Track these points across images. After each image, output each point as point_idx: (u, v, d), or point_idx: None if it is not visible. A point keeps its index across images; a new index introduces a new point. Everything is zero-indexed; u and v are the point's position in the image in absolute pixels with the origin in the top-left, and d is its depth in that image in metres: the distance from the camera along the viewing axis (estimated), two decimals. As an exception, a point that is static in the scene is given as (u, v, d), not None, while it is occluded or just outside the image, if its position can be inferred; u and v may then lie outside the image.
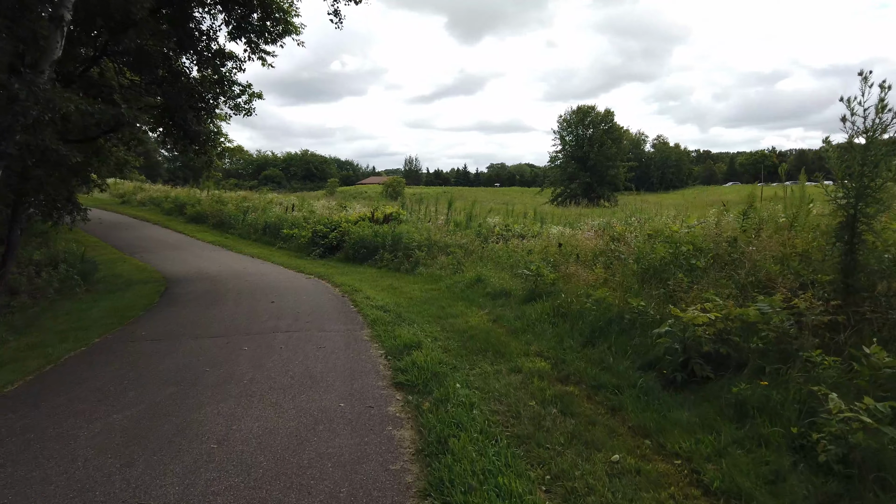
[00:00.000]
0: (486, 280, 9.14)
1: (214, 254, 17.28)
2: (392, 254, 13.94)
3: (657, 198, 65.73)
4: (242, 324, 7.71)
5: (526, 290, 7.69)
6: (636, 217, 16.37)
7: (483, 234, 14.39)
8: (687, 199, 49.76)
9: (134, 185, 30.80)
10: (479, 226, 16.12)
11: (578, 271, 7.40)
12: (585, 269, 7.68)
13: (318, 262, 15.66)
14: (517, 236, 13.91)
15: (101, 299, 10.30)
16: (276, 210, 22.42)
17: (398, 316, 7.75)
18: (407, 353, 5.74)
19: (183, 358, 5.95)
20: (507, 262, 10.90)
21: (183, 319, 8.07)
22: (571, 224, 18.16)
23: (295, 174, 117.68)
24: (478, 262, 11.45)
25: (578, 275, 7.21)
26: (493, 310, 7.38)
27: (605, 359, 4.83)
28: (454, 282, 9.93)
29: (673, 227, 8.29)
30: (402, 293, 9.69)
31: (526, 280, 8.06)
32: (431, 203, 21.86)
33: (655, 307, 5.18)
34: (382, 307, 8.46)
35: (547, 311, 6.42)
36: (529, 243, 12.27)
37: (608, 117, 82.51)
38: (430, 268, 12.20)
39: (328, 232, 16.86)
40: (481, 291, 8.63)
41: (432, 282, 10.74)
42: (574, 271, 7.40)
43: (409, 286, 10.46)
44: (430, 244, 13.61)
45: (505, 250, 11.98)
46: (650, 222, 10.24)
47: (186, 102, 11.33)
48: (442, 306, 8.10)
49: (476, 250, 12.69)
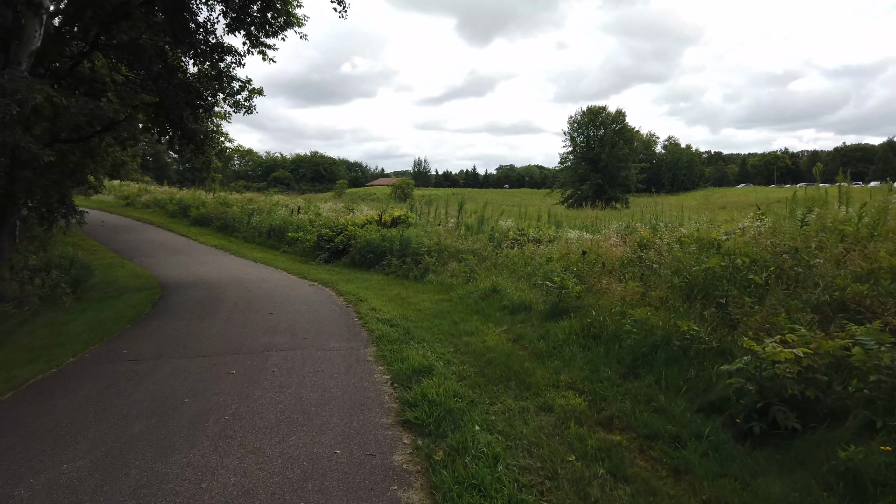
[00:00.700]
0: (502, 291, 8.35)
1: (216, 258, 16.63)
2: (400, 259, 13.19)
3: (669, 199, 64.36)
4: (235, 340, 6.97)
5: (548, 304, 6.89)
6: (660, 221, 15.53)
7: (496, 239, 13.59)
8: (700, 200, 48.53)
9: (138, 187, 30.36)
10: (492, 229, 15.34)
11: (610, 284, 6.59)
12: (616, 281, 6.87)
13: (323, 267, 14.96)
14: (532, 241, 13.10)
15: (88, 309, 9.65)
16: (282, 212, 21.76)
17: (406, 332, 6.98)
18: (416, 381, 4.97)
19: (161, 384, 5.21)
20: (523, 269, 10.10)
21: (171, 334, 7.36)
22: (588, 228, 17.33)
23: (304, 176, 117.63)
24: (492, 269, 10.66)
25: (611, 289, 6.39)
26: (513, 327, 6.58)
27: (654, 396, 4.02)
28: (467, 292, 9.14)
29: (711, 234, 7.46)
30: (410, 304, 8.93)
31: (548, 292, 7.26)
32: (441, 205, 21.10)
33: (711, 332, 4.37)
34: (389, 321, 7.70)
35: (576, 331, 5.61)
36: (547, 249, 11.46)
37: (619, 117, 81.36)
38: (440, 275, 11.43)
39: (334, 236, 16.16)
40: (497, 304, 7.83)
41: (443, 291, 9.96)
42: (606, 284, 6.59)
43: (418, 296, 9.70)
44: (441, 249, 12.84)
45: (521, 257, 11.18)
46: (680, 227, 9.39)
47: (183, 99, 10.65)
48: (454, 321, 7.32)
49: (489, 256, 11.89)
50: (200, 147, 11.43)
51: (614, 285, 6.51)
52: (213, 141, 11.44)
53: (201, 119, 11.18)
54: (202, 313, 8.95)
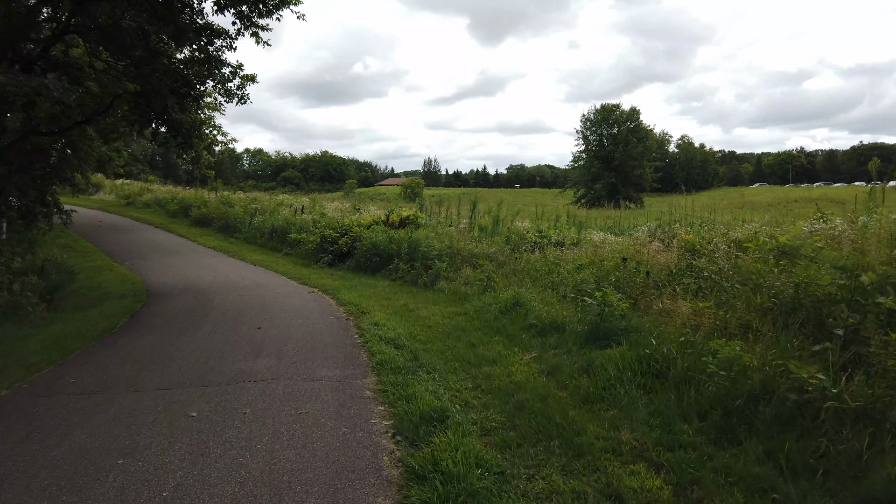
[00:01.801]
0: (526, 304, 7.12)
1: (213, 261, 15.57)
2: (408, 264, 12.01)
3: (683, 199, 62.30)
4: (209, 365, 5.82)
5: (587, 325, 5.65)
6: (692, 221, 14.20)
7: (513, 242, 12.36)
8: (717, 200, 46.68)
9: (140, 186, 29.47)
10: (508, 231, 14.11)
11: (663, 301, 5.34)
12: (669, 296, 5.62)
13: (325, 271, 13.84)
14: (554, 244, 11.85)
15: (56, 320, 8.56)
16: (285, 212, 20.67)
17: (413, 357, 5.78)
18: (426, 434, 3.77)
19: (96, 434, 4.06)
20: (547, 278, 8.86)
21: (137, 355, 6.22)
22: (612, 229, 16.02)
23: (314, 175, 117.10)
24: (511, 277, 9.43)
25: (667, 308, 5.13)
26: (545, 354, 5.35)
27: (773, 480, 2.76)
28: (484, 304, 7.92)
29: (780, 238, 6.18)
30: (419, 319, 7.73)
31: (583, 309, 6.02)
32: (452, 205, 19.87)
33: (840, 382, 3.10)
34: (394, 341, 6.50)
35: (629, 364, 4.37)
36: (572, 254, 10.21)
37: (633, 115, 79.58)
38: (452, 282, 10.22)
39: (338, 237, 15.03)
40: (522, 321, 6.60)
41: (456, 302, 8.76)
42: (657, 301, 5.34)
43: (427, 308, 8.50)
44: (453, 253, 11.63)
45: (543, 262, 9.94)
46: (722, 228, 8.12)
47: (167, 86, 9.53)
48: (472, 343, 6.10)
49: (507, 262, 10.66)
50: (188, 140, 10.30)
51: (670, 303, 5.25)
52: (202, 133, 10.31)
53: (188, 109, 10.05)
54: (182, 327, 7.83)
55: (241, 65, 9.95)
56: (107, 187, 30.24)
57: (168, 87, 9.60)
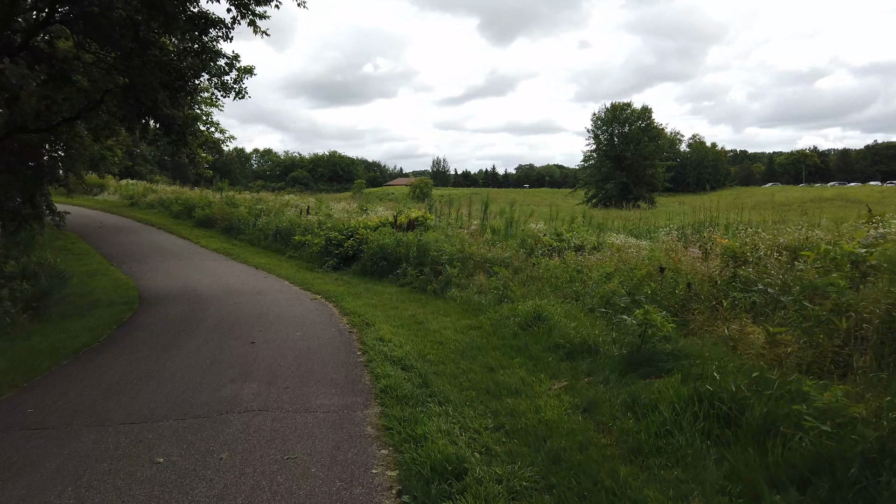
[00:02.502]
0: (549, 319, 6.32)
1: (214, 264, 14.92)
2: (417, 269, 11.26)
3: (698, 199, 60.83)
4: (190, 390, 5.09)
5: (625, 348, 4.85)
6: (718, 222, 13.31)
7: (529, 246, 11.56)
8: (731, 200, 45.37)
9: (144, 187, 28.96)
10: (521, 233, 13.32)
11: (736, 328, 4.52)
12: (721, 314, 4.81)
13: (329, 275, 13.14)
14: (573, 248, 11.04)
15: (36, 332, 7.91)
16: (290, 213, 20.00)
17: (423, 382, 5.02)
18: (440, 498, 3.01)
19: (34, 490, 3.33)
20: (569, 287, 8.06)
21: (111, 378, 5.52)
22: (631, 231, 15.16)
23: (322, 175, 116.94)
24: (529, 284, 8.64)
25: (743, 336, 4.31)
26: (577, 382, 4.55)
27: None
28: (501, 317, 7.14)
29: (843, 245, 5.36)
30: (429, 333, 6.97)
31: (618, 327, 5.22)
32: (462, 205, 19.09)
33: None
34: (401, 360, 5.75)
35: (686, 403, 3.56)
36: (595, 259, 9.40)
37: (645, 114, 78.32)
38: (464, 290, 9.45)
39: (344, 239, 14.32)
40: (546, 340, 5.81)
41: (470, 313, 7.99)
42: (732, 328, 4.52)
43: (438, 319, 7.73)
44: (464, 258, 10.86)
45: (563, 269, 9.14)
46: (775, 233, 7.26)
47: (158, 79, 8.85)
48: (489, 366, 5.33)
49: (523, 267, 9.88)
50: (182, 137, 9.61)
51: (735, 327, 4.42)
52: (197, 130, 9.62)
53: (182, 104, 9.37)
54: (169, 341, 7.13)
55: (237, 55, 9.26)
56: (111, 188, 29.79)
57: (159, 81, 8.93)
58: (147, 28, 8.96)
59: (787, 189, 77.38)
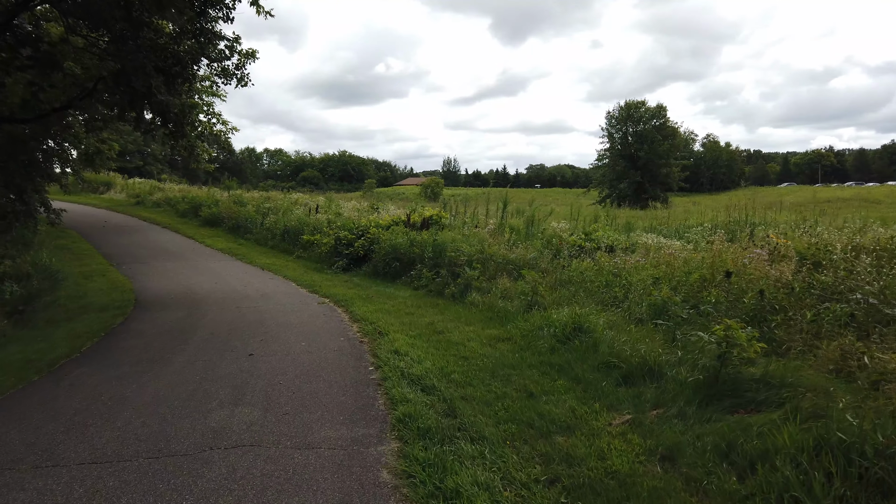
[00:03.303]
0: (592, 330, 5.41)
1: (218, 265, 14.17)
2: (433, 271, 10.40)
3: (714, 199, 59.24)
4: (170, 417, 4.27)
5: (699, 372, 3.94)
6: (757, 221, 12.34)
7: (554, 246, 10.66)
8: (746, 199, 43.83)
9: (151, 185, 28.38)
10: (542, 232, 12.41)
11: (838, 349, 3.60)
12: (816, 333, 3.89)
13: (339, 277, 12.34)
14: (603, 249, 10.12)
15: (16, 340, 7.17)
16: (299, 212, 19.25)
17: (449, 410, 4.15)
18: None
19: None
20: (607, 292, 7.15)
21: (79, 401, 4.70)
22: (659, 230, 14.19)
23: (332, 175, 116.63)
24: (560, 289, 7.73)
25: (865, 363, 3.36)
26: (643, 416, 3.64)
27: None
28: (533, 327, 6.25)
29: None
30: (451, 345, 6.09)
31: (687, 347, 4.31)
32: (479, 203, 18.21)
33: None
34: (421, 380, 4.89)
35: (808, 454, 2.63)
36: (630, 260, 8.48)
37: (660, 112, 76.82)
38: (486, 294, 8.57)
39: (354, 239, 13.52)
40: (592, 357, 4.90)
41: (496, 321, 7.10)
42: (841, 350, 3.59)
43: (460, 328, 6.86)
44: (485, 259, 9.98)
45: (595, 271, 8.23)
46: (854, 232, 6.31)
47: (152, 63, 8.07)
48: (527, 389, 4.44)
49: (551, 269, 8.98)
50: (180, 128, 8.83)
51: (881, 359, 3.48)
52: (195, 119, 8.83)
53: (178, 90, 8.58)
54: (158, 352, 6.34)
55: (238, 37, 8.44)
56: (118, 186, 29.25)
57: (154, 65, 8.15)
58: (141, 7, 8.18)
59: (804, 189, 75.48)
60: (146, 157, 62.65)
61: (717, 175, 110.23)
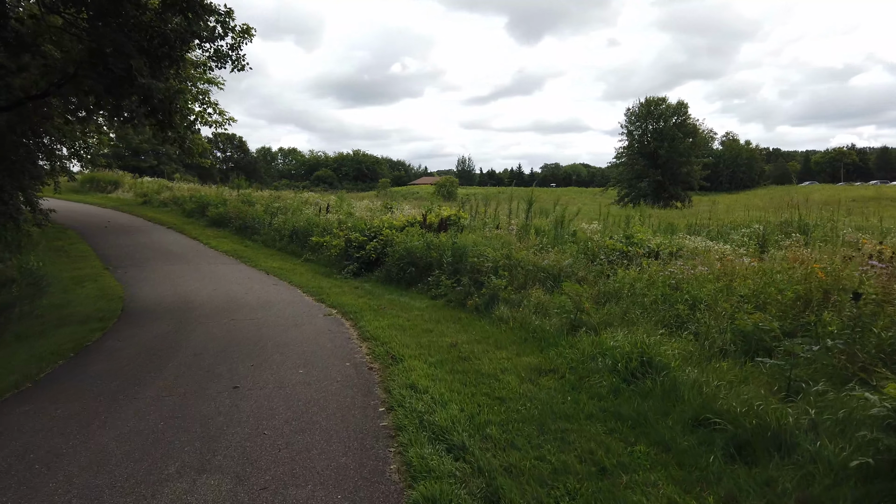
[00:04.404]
0: (665, 367, 4.17)
1: (221, 269, 13.16)
2: (453, 278, 9.23)
3: (735, 198, 57.03)
4: (105, 493, 3.15)
5: (868, 453, 2.69)
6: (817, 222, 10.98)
7: (589, 250, 9.43)
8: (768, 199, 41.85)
9: (159, 184, 27.56)
10: (573, 234, 11.17)
11: None
12: None
13: (349, 283, 11.25)
14: (648, 255, 8.85)
15: (-32, 363, 6.14)
16: (308, 212, 18.20)
17: (489, 490, 2.97)
18: None
19: None
20: (666, 309, 5.90)
21: (4, 455, 3.62)
22: (697, 231, 12.85)
23: (347, 175, 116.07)
24: (608, 304, 6.49)
25: None
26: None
27: None
28: (582, 355, 5.02)
29: None
30: (480, 377, 4.90)
31: (831, 407, 3.06)
32: (498, 203, 16.97)
33: None
34: (446, 435, 3.71)
35: None
36: (685, 268, 7.21)
37: (681, 109, 74.68)
38: (517, 308, 7.37)
39: (365, 241, 12.42)
40: (677, 410, 3.65)
41: (533, 344, 5.88)
42: None
43: (490, 354, 5.67)
44: (512, 265, 8.78)
45: (646, 282, 6.96)
46: None
47: (133, 43, 7.01)
48: (595, 458, 3.22)
49: (590, 278, 7.75)
50: (167, 117, 7.76)
51: None
52: (184, 107, 7.75)
53: (164, 74, 7.51)
54: (125, 382, 5.25)
55: (230, 10, 7.31)
56: (126, 185, 28.53)
57: (136, 45, 7.08)
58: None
59: (826, 188, 72.73)
60: (160, 156, 62.27)
61: (736, 174, 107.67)
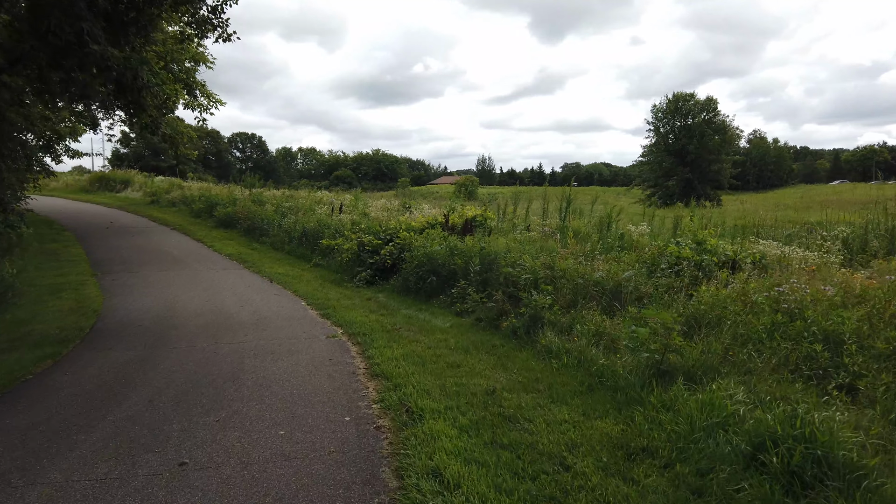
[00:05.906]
0: (848, 465, 2.54)
1: (220, 275, 11.77)
2: (483, 292, 7.62)
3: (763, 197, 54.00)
4: None
5: None
6: None
7: (648, 260, 7.73)
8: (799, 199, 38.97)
9: (169, 183, 26.51)
10: (621, 238, 9.49)
11: None
12: None
13: (361, 293, 9.79)
14: (723, 265, 7.13)
15: None
16: (321, 212, 16.78)
17: None
18: None
19: None
20: (791, 348, 4.21)
21: None
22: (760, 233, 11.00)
23: (366, 174, 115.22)
24: (698, 335, 4.82)
25: None
26: None
27: None
28: (690, 426, 3.38)
29: None
30: (537, 457, 3.29)
31: None
32: (529, 201, 15.27)
33: None
34: None
35: None
36: (789, 285, 5.47)
37: (710, 105, 71.71)
38: (567, 335, 5.73)
39: (380, 245, 10.94)
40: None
41: (606, 400, 4.23)
42: None
43: (546, 411, 4.05)
44: (556, 277, 7.14)
45: (744, 306, 5.25)
46: None
47: (84, 1, 5.55)
48: None
49: (668, 298, 6.07)
50: (137, 98, 6.30)
51: None
52: (154, 85, 6.27)
53: (130, 43, 6.04)
54: (38, 448, 3.78)
55: (207, -40, 5.83)
56: (136, 184, 27.58)
57: (88, 4, 5.63)
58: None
59: (858, 186, 68.84)
60: (179, 155, 62.03)
61: (763, 173, 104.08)
